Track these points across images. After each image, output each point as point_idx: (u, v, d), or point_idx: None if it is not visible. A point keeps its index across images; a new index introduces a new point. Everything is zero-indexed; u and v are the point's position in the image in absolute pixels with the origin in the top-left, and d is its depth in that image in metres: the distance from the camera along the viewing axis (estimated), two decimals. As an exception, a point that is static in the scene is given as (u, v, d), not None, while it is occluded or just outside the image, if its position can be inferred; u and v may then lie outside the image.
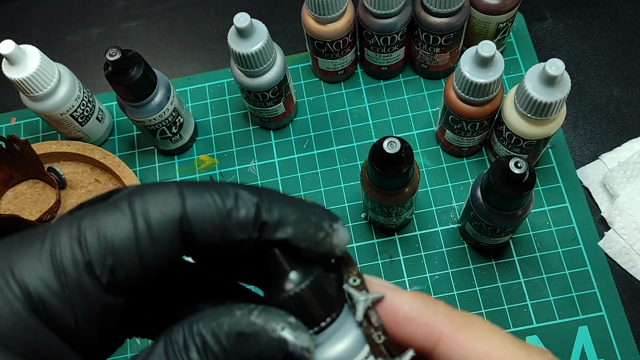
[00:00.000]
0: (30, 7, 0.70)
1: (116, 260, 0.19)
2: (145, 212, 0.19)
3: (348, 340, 0.21)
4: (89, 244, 0.19)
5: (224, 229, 0.20)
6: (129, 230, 0.19)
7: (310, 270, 0.21)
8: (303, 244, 0.21)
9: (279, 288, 0.21)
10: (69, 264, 0.18)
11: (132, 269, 0.19)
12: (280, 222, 0.20)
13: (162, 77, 0.53)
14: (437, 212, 0.56)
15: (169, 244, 0.19)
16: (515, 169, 0.40)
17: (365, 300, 0.21)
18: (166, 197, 0.19)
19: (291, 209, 0.21)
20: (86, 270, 0.18)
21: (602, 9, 0.64)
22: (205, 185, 0.20)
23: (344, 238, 0.22)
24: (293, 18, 0.67)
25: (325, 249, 0.21)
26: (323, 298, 0.21)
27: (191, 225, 0.19)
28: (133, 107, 0.52)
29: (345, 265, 0.23)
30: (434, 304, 0.22)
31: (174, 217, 0.19)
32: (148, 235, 0.19)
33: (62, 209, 0.58)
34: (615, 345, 0.50)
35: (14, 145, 0.54)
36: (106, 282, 0.19)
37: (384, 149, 0.41)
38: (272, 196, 0.21)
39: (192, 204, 0.19)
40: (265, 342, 0.19)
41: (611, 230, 0.53)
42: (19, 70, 0.51)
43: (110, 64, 0.48)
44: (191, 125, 0.59)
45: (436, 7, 0.51)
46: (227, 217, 0.20)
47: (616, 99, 0.59)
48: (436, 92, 0.61)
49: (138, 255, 0.19)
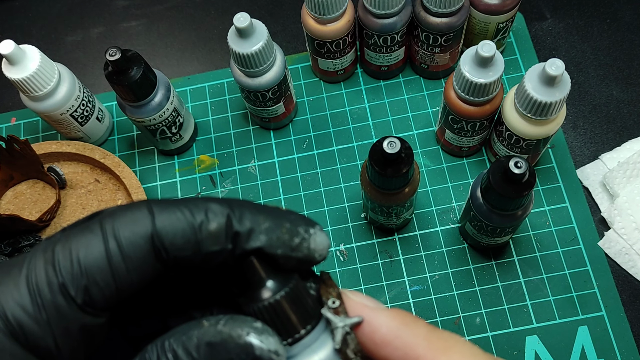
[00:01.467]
0: (30, 7, 0.70)
1: (90, 280, 0.19)
2: (116, 232, 0.20)
3: (324, 353, 0.21)
4: (62, 266, 0.19)
5: (197, 242, 0.20)
6: (100, 250, 0.19)
7: (287, 280, 0.21)
8: (279, 251, 0.21)
9: (256, 297, 0.21)
10: (44, 287, 0.19)
11: (106, 288, 0.19)
12: (253, 230, 0.21)
13: (162, 77, 0.53)
14: (437, 212, 0.56)
15: (142, 261, 0.20)
16: (515, 169, 0.40)
17: (343, 327, 0.21)
18: (136, 216, 0.20)
19: (263, 217, 0.21)
20: (61, 291, 0.19)
21: (602, 9, 0.64)
22: (176, 202, 0.21)
23: (323, 242, 0.22)
24: (293, 18, 0.67)
25: (303, 254, 0.21)
26: (299, 308, 0.21)
27: (162, 241, 0.20)
28: (133, 107, 0.52)
29: (325, 286, 0.22)
30: (414, 325, 0.21)
31: (145, 234, 0.20)
32: (119, 253, 0.19)
33: (62, 209, 0.58)
34: (615, 345, 0.50)
35: (14, 145, 0.54)
36: (81, 302, 0.19)
37: (384, 149, 0.41)
38: (243, 206, 0.21)
39: (162, 220, 0.20)
40: (233, 349, 0.19)
41: (611, 230, 0.53)
42: (19, 70, 0.51)
43: (110, 64, 0.48)
44: (191, 125, 0.59)
45: (436, 7, 0.51)
46: (198, 230, 0.20)
47: (616, 99, 0.59)
48: (436, 92, 0.61)
49: (111, 274, 0.19)
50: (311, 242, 0.21)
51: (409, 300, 0.53)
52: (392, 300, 0.53)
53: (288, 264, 0.21)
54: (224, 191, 0.58)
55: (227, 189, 0.59)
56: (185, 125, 0.58)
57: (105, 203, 0.58)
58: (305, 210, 0.57)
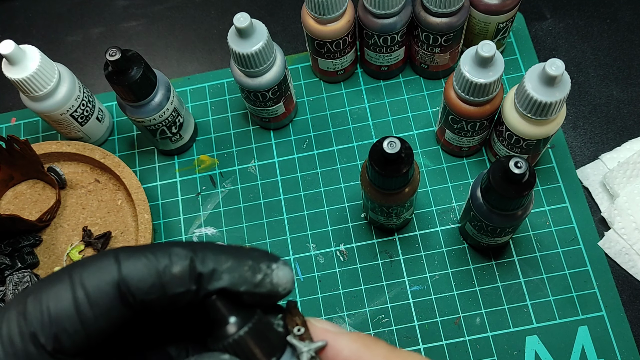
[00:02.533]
0: (30, 7, 0.70)
1: (59, 327, 0.20)
2: (84, 281, 0.21)
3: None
4: (32, 316, 0.20)
5: (162, 285, 0.21)
6: (68, 299, 0.20)
7: (250, 316, 0.22)
8: (242, 288, 0.22)
9: (221, 335, 0.22)
10: (16, 337, 0.20)
11: (75, 334, 0.20)
12: (215, 270, 0.22)
13: (162, 77, 0.53)
14: (437, 212, 0.56)
15: (109, 307, 0.21)
16: (515, 169, 0.40)
17: (308, 351, 0.22)
18: (102, 265, 0.21)
19: (225, 257, 0.22)
20: (31, 340, 0.20)
21: (602, 9, 0.64)
22: (142, 249, 0.22)
23: (285, 276, 0.23)
24: (293, 18, 0.67)
25: (266, 290, 0.22)
26: (263, 342, 0.22)
27: (129, 286, 0.21)
28: (133, 107, 0.52)
29: (290, 315, 0.24)
30: (374, 346, 0.23)
31: (111, 281, 0.21)
32: (87, 301, 0.20)
33: (62, 209, 0.58)
34: (615, 345, 0.50)
35: (14, 145, 0.54)
36: (52, 349, 0.20)
37: (384, 149, 0.41)
38: (206, 248, 0.22)
39: (128, 266, 0.21)
40: None
41: (611, 230, 0.53)
42: (19, 70, 0.51)
43: (110, 64, 0.48)
44: (191, 125, 0.59)
45: (436, 7, 0.51)
46: (163, 274, 0.21)
47: (616, 99, 0.59)
48: (436, 92, 0.61)
49: (79, 321, 0.20)
50: (274, 277, 0.22)
51: (409, 300, 0.53)
52: (392, 300, 0.53)
53: (252, 300, 0.22)
54: (224, 191, 0.58)
55: (227, 189, 0.59)
56: (186, 125, 0.58)
57: (105, 203, 0.58)
58: (305, 211, 0.57)
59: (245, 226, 0.57)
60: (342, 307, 0.53)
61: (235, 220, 0.57)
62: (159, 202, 0.59)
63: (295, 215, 0.57)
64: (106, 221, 0.57)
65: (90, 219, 0.57)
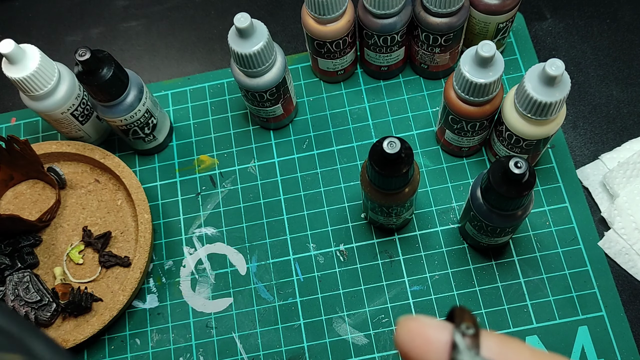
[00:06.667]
0: (30, 7, 0.70)
1: None
2: None
3: None
4: None
5: None
6: None
7: None
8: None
9: None
10: None
11: None
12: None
13: (136, 78, 0.53)
14: (437, 212, 0.56)
15: None
16: (515, 169, 0.40)
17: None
18: None
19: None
20: None
21: (602, 9, 0.64)
22: None
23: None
24: (293, 18, 0.67)
25: None
26: None
27: None
28: (105, 107, 0.53)
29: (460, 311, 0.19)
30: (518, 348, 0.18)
31: None
32: None
33: (62, 209, 0.58)
34: (615, 345, 0.50)
35: (14, 145, 0.54)
36: None
37: (384, 149, 0.41)
38: None
39: None
40: None
41: (611, 230, 0.53)
42: (18, 70, 0.51)
43: (79, 63, 0.48)
44: (166, 126, 0.59)
45: (436, 7, 0.51)
46: None
47: (616, 99, 0.59)
48: (436, 92, 0.61)
49: None
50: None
51: (409, 301, 0.53)
52: (392, 300, 0.53)
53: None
54: (224, 191, 0.58)
55: (227, 189, 0.59)
56: (159, 126, 0.58)
57: (105, 203, 0.58)
58: (305, 211, 0.57)
59: (245, 226, 0.57)
60: (342, 307, 0.53)
61: (235, 220, 0.57)
62: (159, 202, 0.59)
63: (295, 215, 0.57)
64: (106, 221, 0.57)
65: (90, 219, 0.57)
